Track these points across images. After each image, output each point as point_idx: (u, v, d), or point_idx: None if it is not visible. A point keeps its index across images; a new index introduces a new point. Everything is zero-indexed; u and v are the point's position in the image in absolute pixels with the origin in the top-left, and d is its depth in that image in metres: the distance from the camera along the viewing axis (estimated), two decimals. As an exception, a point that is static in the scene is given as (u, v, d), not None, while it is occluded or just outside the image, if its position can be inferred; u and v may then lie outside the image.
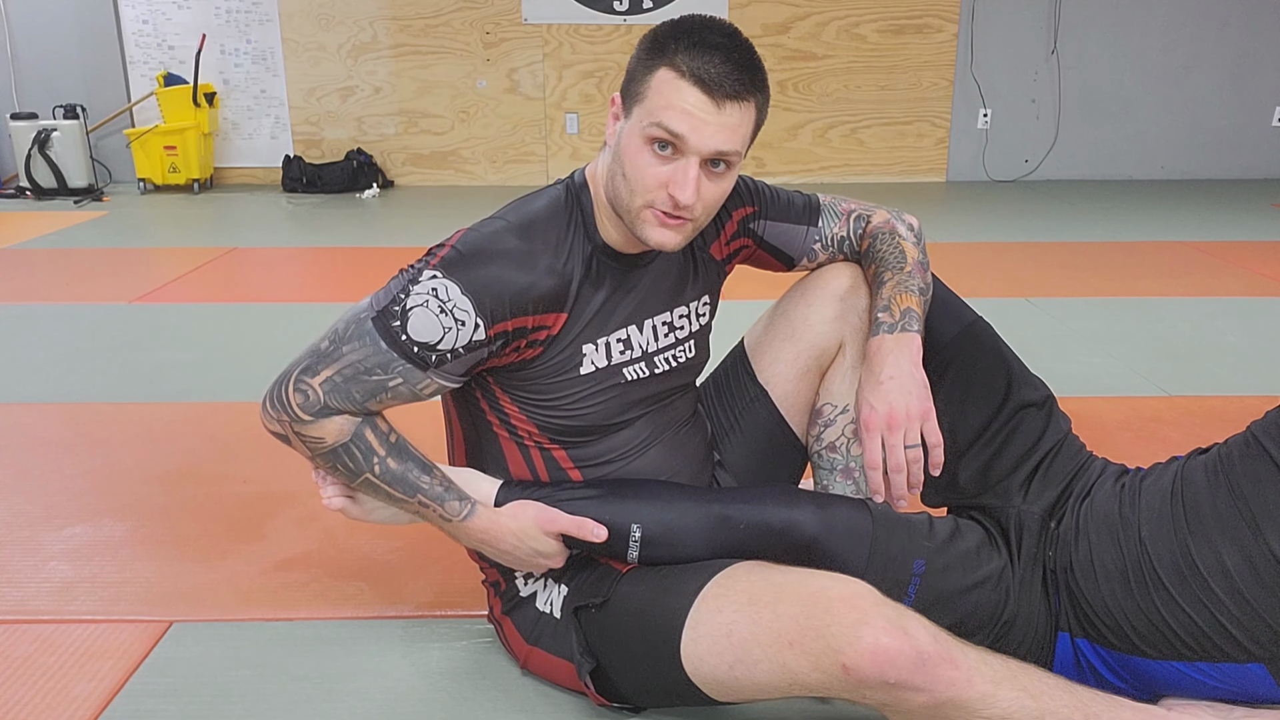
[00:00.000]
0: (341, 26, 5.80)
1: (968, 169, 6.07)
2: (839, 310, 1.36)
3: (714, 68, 1.07)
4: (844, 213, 1.38)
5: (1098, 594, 1.17)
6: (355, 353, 1.14)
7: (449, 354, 1.13)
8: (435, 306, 1.11)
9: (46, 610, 1.54)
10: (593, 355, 1.22)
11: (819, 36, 5.84)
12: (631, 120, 1.12)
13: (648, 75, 1.10)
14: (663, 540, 1.21)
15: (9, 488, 1.97)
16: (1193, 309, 3.22)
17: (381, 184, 5.88)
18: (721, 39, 1.09)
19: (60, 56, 5.81)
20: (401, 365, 1.13)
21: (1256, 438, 1.13)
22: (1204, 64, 5.88)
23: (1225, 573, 1.09)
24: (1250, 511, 1.09)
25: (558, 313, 1.18)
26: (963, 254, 4.09)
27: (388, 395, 1.16)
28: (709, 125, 1.08)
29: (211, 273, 3.82)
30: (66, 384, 2.57)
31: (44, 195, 5.54)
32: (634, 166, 1.11)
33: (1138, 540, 1.16)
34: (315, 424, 1.15)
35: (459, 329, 1.12)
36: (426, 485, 1.20)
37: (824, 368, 1.38)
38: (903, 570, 1.18)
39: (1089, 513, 1.23)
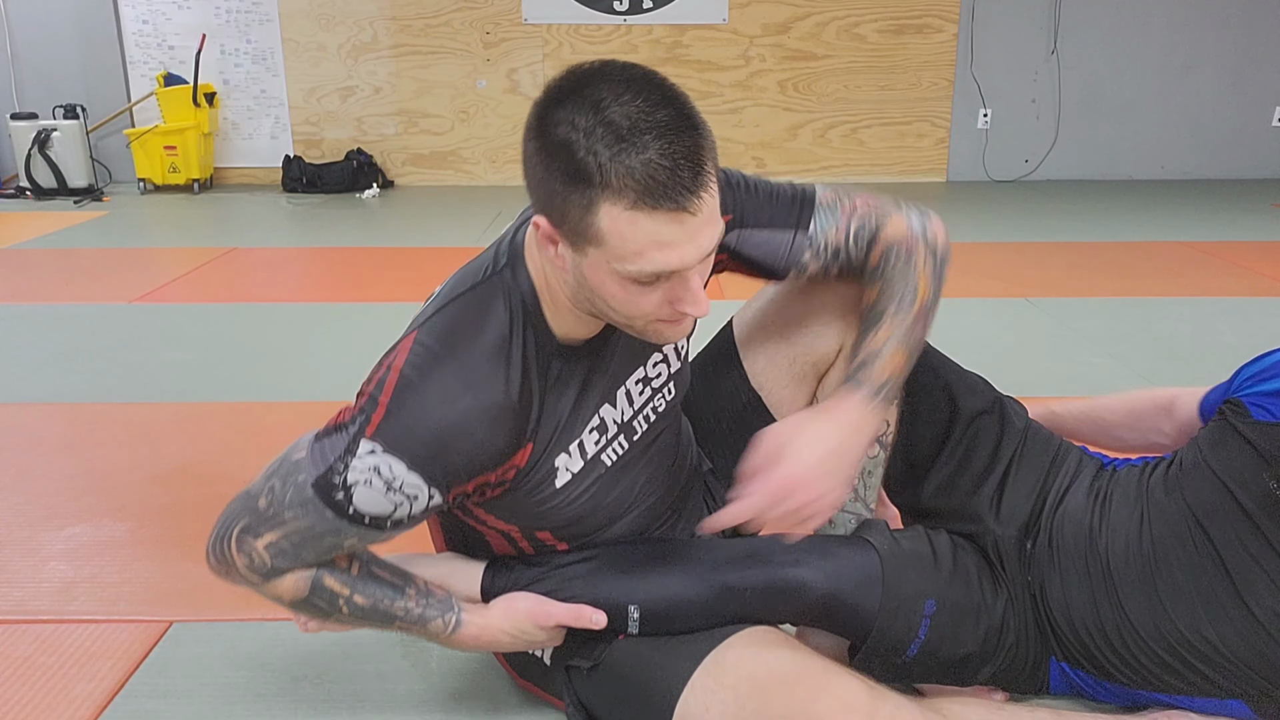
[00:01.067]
0: (341, 26, 5.80)
1: (968, 169, 6.07)
2: (841, 312, 1.25)
3: (666, 176, 0.85)
4: (846, 213, 1.18)
5: (1071, 627, 1.16)
6: (300, 519, 1.01)
7: (406, 519, 1.02)
8: (380, 485, 0.97)
9: (46, 610, 1.54)
10: (566, 464, 1.09)
11: (819, 36, 5.84)
12: (590, 260, 0.91)
13: (588, 214, 0.87)
14: (662, 615, 1.14)
15: (9, 488, 1.97)
16: (1193, 309, 3.22)
17: (381, 184, 5.88)
18: (650, 119, 0.85)
19: (60, 56, 5.81)
20: (354, 530, 1.01)
21: (1216, 474, 1.09)
22: (1204, 64, 5.88)
23: (1207, 640, 1.07)
24: (1232, 581, 1.06)
25: (523, 448, 1.04)
26: (963, 254, 4.09)
27: (343, 550, 1.05)
28: (689, 244, 0.89)
29: (211, 273, 3.82)
30: (66, 384, 2.57)
31: (44, 195, 5.54)
32: (621, 301, 0.94)
33: (1113, 586, 1.13)
34: (266, 584, 1.06)
35: (411, 502, 0.99)
36: (402, 611, 1.09)
37: (821, 372, 1.30)
38: (914, 613, 1.15)
39: (1061, 533, 1.20)
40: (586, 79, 0.88)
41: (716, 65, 5.88)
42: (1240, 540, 1.05)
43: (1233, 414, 1.11)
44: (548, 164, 0.89)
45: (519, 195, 5.90)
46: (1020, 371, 2.57)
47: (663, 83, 0.89)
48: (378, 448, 0.97)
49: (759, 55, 5.87)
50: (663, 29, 5.81)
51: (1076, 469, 1.26)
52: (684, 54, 5.86)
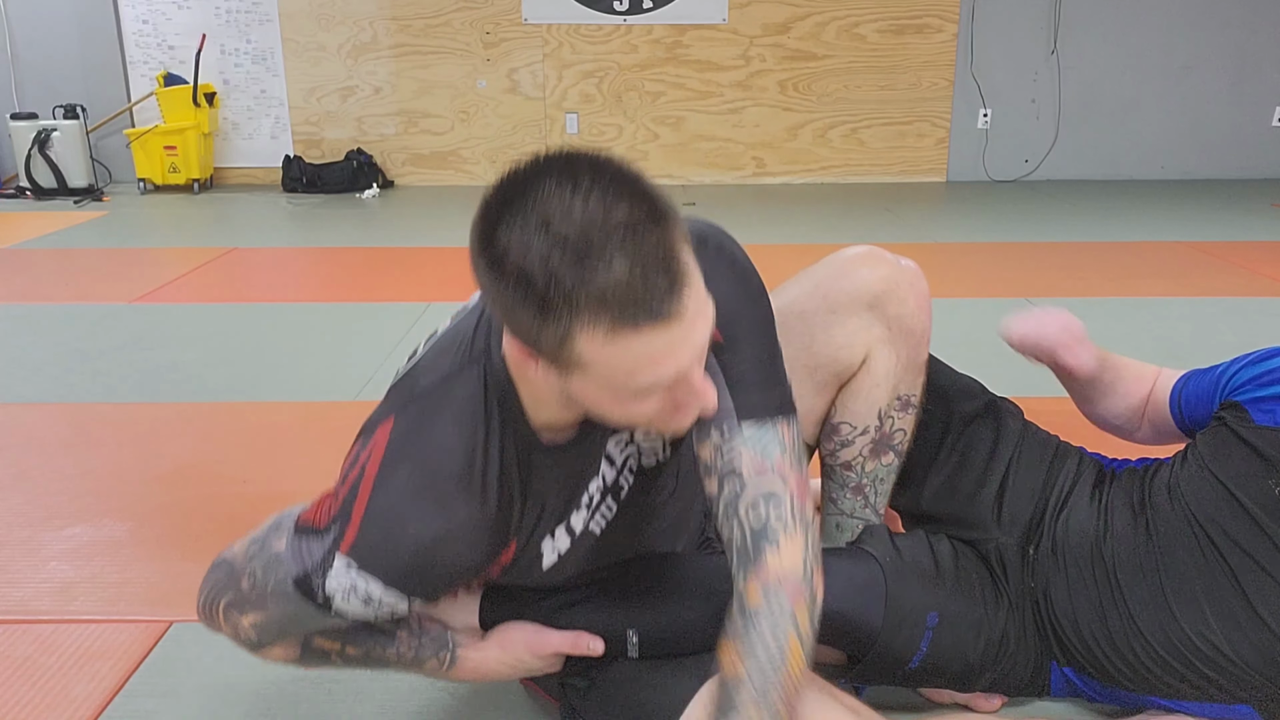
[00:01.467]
0: (341, 26, 5.80)
1: (968, 169, 6.07)
2: (866, 320, 1.19)
3: (641, 288, 0.75)
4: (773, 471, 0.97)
5: (1077, 633, 1.16)
6: (283, 607, 0.98)
7: (387, 619, 1.03)
8: (358, 601, 0.94)
9: (46, 610, 1.54)
10: (553, 546, 1.05)
11: (819, 36, 5.84)
12: (576, 383, 0.83)
13: (565, 344, 0.78)
14: (661, 639, 1.12)
15: (9, 488, 1.97)
16: (1193, 309, 3.22)
17: (381, 184, 5.88)
18: (608, 224, 0.75)
19: (60, 56, 5.81)
20: (340, 619, 0.98)
21: (1217, 477, 1.08)
22: (1204, 64, 5.88)
23: (1215, 646, 1.06)
24: (1240, 588, 1.05)
25: (505, 550, 1.00)
26: (963, 254, 4.09)
27: (329, 626, 1.02)
28: (685, 343, 0.80)
29: (211, 273, 3.82)
30: (66, 384, 2.57)
31: (44, 195, 5.54)
32: (618, 414, 0.86)
33: (1120, 594, 1.12)
34: (259, 652, 1.05)
35: (392, 608, 0.97)
36: (394, 656, 1.07)
37: (843, 382, 1.25)
38: (916, 627, 1.14)
39: (1065, 539, 1.19)
40: (526, 185, 0.77)
41: (716, 65, 5.88)
42: (1247, 546, 1.04)
43: (1233, 419, 1.10)
44: (509, 294, 0.77)
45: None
46: (1020, 371, 2.57)
47: (612, 169, 0.78)
48: (353, 565, 0.93)
49: (759, 55, 5.87)
50: (663, 29, 5.81)
51: (1077, 471, 1.25)
52: (684, 54, 5.86)
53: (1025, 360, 1.41)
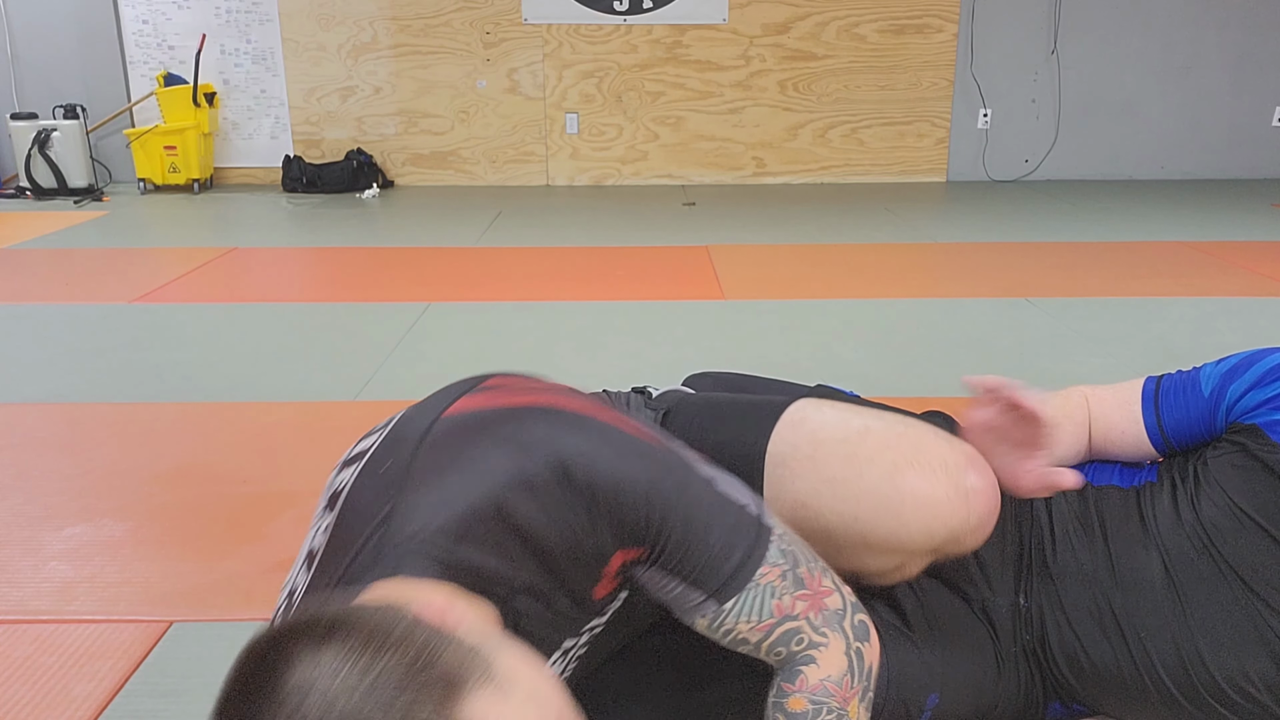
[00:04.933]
0: (341, 26, 5.80)
1: (968, 169, 6.07)
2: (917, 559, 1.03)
3: None
4: (778, 611, 0.89)
5: (1085, 678, 1.09)
6: None
7: None
8: None
9: (46, 610, 1.54)
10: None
11: (819, 36, 5.84)
12: None
13: None
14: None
15: (9, 488, 1.97)
16: (1193, 309, 3.22)
17: (381, 184, 5.88)
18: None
19: (60, 56, 5.81)
20: None
21: (1244, 511, 1.01)
22: (1204, 64, 5.88)
23: (1249, 679, 0.99)
24: (1264, 605, 0.99)
25: None
26: (963, 254, 4.09)
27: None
28: None
29: (211, 273, 3.82)
30: (66, 384, 2.57)
31: (44, 195, 5.54)
32: None
33: (1141, 653, 1.04)
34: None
35: None
36: None
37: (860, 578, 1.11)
38: (916, 707, 1.08)
39: (1064, 586, 1.10)
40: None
41: (716, 65, 5.88)
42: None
43: (1255, 445, 1.03)
44: None
45: (519, 195, 5.92)
46: (1020, 372, 2.57)
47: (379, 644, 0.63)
48: None
49: (759, 55, 5.87)
50: (663, 29, 5.81)
51: (1050, 504, 1.17)
52: (684, 54, 5.86)
53: (1024, 358, 1.39)
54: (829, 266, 3.75)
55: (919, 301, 3.26)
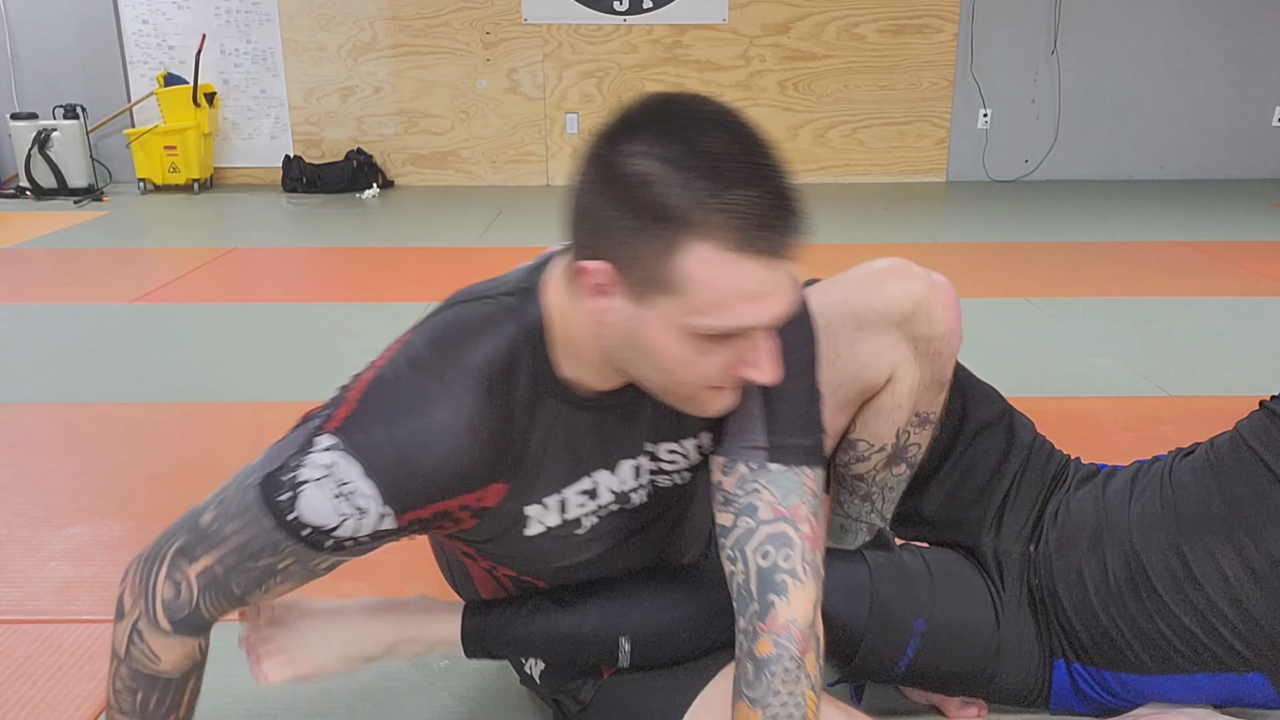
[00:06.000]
0: (341, 26, 5.80)
1: (968, 169, 6.07)
2: (894, 339, 1.14)
3: (769, 215, 0.74)
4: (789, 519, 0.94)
5: (1089, 609, 1.14)
6: (239, 534, 0.88)
7: (349, 541, 0.88)
8: (330, 488, 0.84)
9: (46, 610, 1.54)
10: (540, 516, 0.98)
11: (819, 36, 5.84)
12: (657, 314, 0.79)
13: (671, 254, 0.75)
14: (654, 643, 1.08)
15: (9, 488, 1.97)
16: (1192, 309, 3.22)
17: (381, 184, 5.88)
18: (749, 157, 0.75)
19: (60, 56, 5.81)
20: (292, 546, 0.87)
21: (1245, 440, 1.10)
22: (1204, 64, 5.88)
23: (1224, 579, 1.05)
24: (1246, 517, 1.05)
25: (495, 484, 0.92)
26: (963, 254, 4.09)
27: (277, 581, 0.91)
28: (779, 296, 0.78)
29: (211, 273, 3.82)
30: (66, 384, 2.57)
31: (44, 195, 5.54)
32: (681, 364, 0.82)
33: (1129, 548, 1.12)
34: (165, 638, 0.92)
35: (359, 517, 0.85)
36: None
37: (866, 399, 1.20)
38: (903, 632, 1.12)
39: (1066, 528, 1.18)
40: (667, 108, 0.77)
41: (716, 65, 5.88)
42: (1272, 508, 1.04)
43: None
44: (619, 198, 0.75)
45: (519, 195, 5.92)
46: (1020, 371, 2.57)
47: (754, 127, 0.78)
48: (336, 444, 0.85)
49: (759, 55, 5.87)
50: (663, 29, 5.81)
51: (1074, 474, 1.25)
52: (684, 54, 5.86)
53: (1024, 358, 1.40)
54: (829, 267, 3.74)
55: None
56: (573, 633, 1.08)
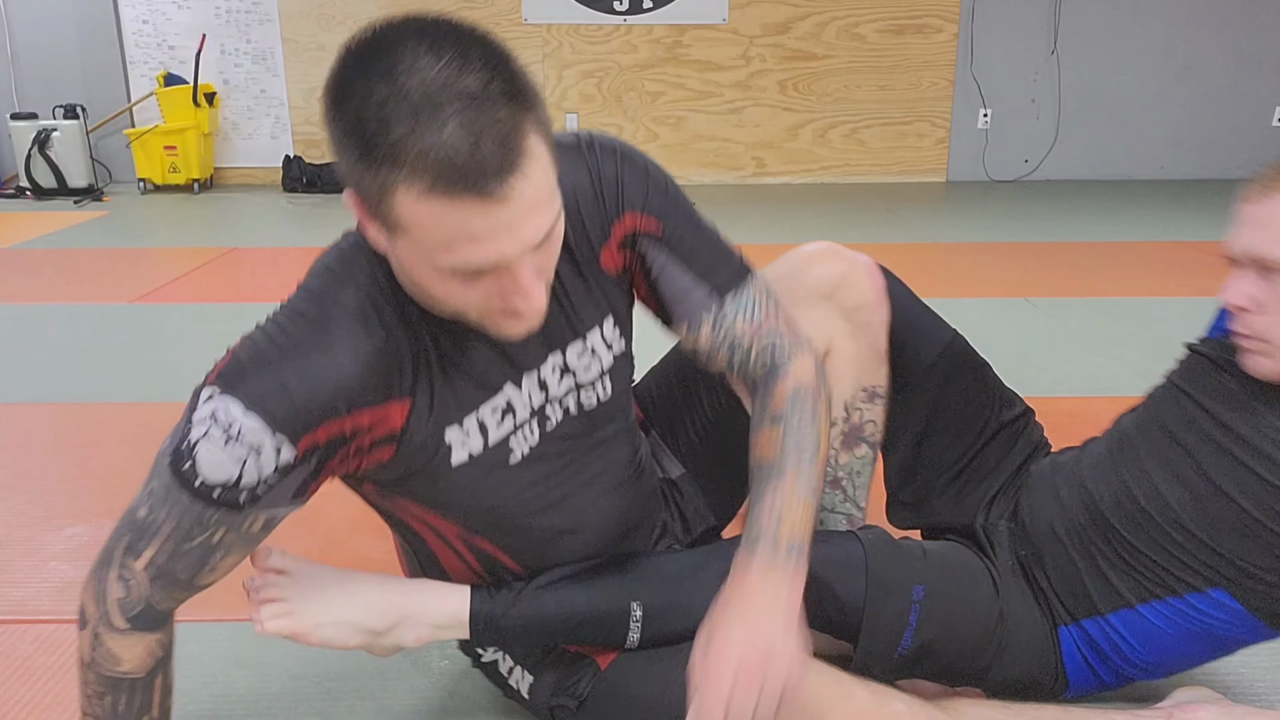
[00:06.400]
0: (341, 26, 5.80)
1: (968, 169, 6.07)
2: (825, 312, 1.21)
3: (466, 155, 0.73)
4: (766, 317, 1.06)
5: (1066, 560, 1.19)
6: (169, 519, 0.89)
7: (259, 486, 0.87)
8: (219, 436, 0.85)
9: (46, 610, 1.54)
10: (462, 441, 0.97)
11: (819, 36, 5.84)
12: (400, 247, 0.81)
13: (384, 199, 0.76)
14: (667, 612, 1.08)
15: (9, 488, 1.97)
16: (1193, 309, 3.22)
17: (381, 184, 5.88)
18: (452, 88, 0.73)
19: (60, 56, 5.81)
20: (215, 515, 0.88)
21: (1174, 383, 1.19)
22: (1204, 64, 5.88)
23: (1167, 506, 1.12)
24: (1183, 442, 1.13)
25: (390, 403, 0.91)
26: (963, 254, 4.09)
27: (219, 556, 0.91)
28: (505, 235, 0.77)
29: (211, 273, 3.82)
30: (66, 384, 2.57)
31: (44, 195, 5.54)
32: (442, 294, 0.83)
33: (1084, 491, 1.19)
34: (123, 636, 0.93)
35: (256, 457, 0.85)
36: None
37: None
38: (902, 599, 1.14)
39: (1035, 492, 1.25)
40: (387, 38, 0.76)
41: (716, 65, 5.89)
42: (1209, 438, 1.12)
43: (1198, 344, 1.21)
44: (342, 139, 0.77)
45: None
46: (1021, 371, 2.57)
47: (478, 40, 0.76)
48: (215, 392, 0.86)
49: (759, 55, 5.87)
50: (663, 29, 5.81)
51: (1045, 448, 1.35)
52: (684, 54, 5.87)
53: (1024, 358, 1.44)
54: (829, 266, 3.75)
55: (919, 301, 3.25)
56: (585, 604, 1.07)
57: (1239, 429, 1.09)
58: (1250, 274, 1.06)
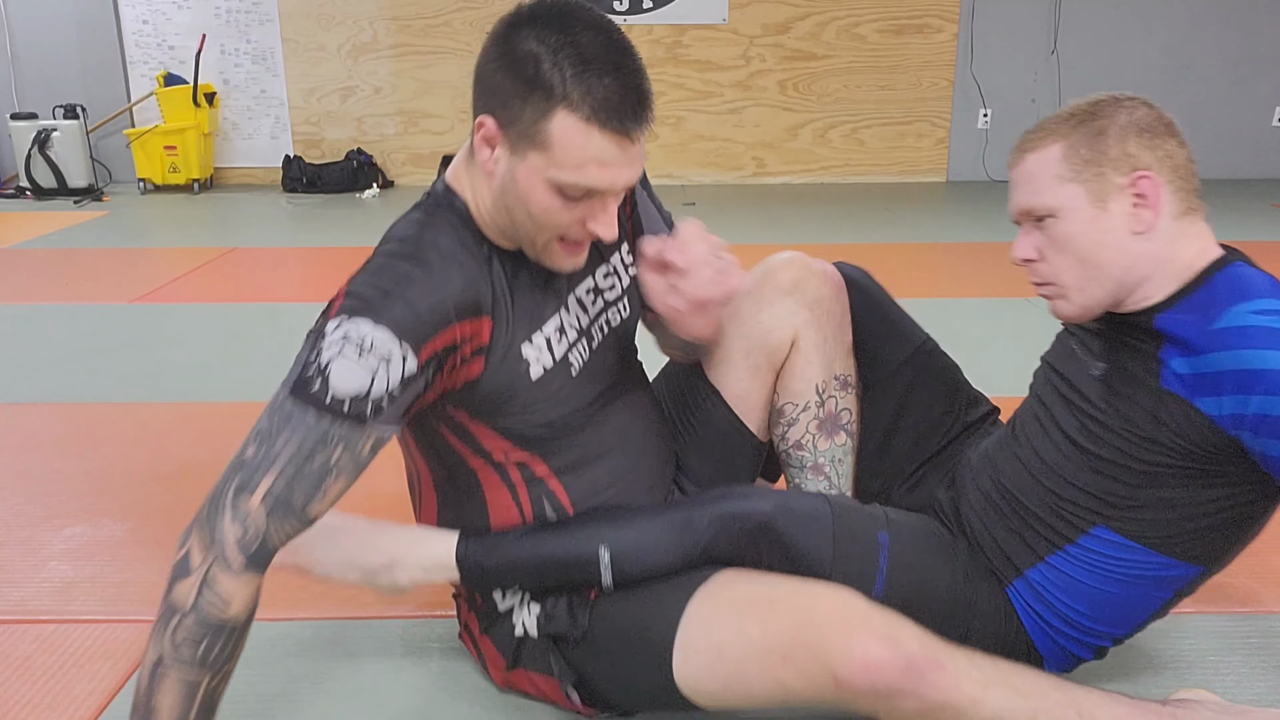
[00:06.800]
0: (341, 26, 5.80)
1: (968, 169, 6.07)
2: (789, 306, 1.33)
3: (620, 101, 0.98)
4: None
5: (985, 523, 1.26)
6: (288, 444, 0.99)
7: (385, 399, 1.00)
8: (352, 351, 0.98)
9: (46, 610, 1.54)
10: (535, 356, 1.15)
11: (819, 36, 5.84)
12: (527, 164, 1.01)
13: (541, 119, 0.98)
14: (632, 555, 1.18)
15: (9, 488, 1.97)
16: (1193, 309, 3.22)
17: (382, 184, 5.89)
18: (611, 53, 0.98)
19: (60, 56, 5.81)
20: (339, 431, 0.99)
21: (1044, 358, 1.31)
22: (1204, 64, 5.88)
23: (1043, 463, 1.21)
24: (1048, 407, 1.24)
25: (481, 318, 1.08)
26: (963, 254, 4.10)
27: (332, 479, 1.01)
28: (624, 168, 1.02)
29: (211, 273, 3.82)
30: (66, 384, 2.58)
31: (44, 195, 5.54)
32: (542, 210, 1.04)
33: (989, 464, 1.29)
34: (237, 577, 0.99)
35: (386, 367, 0.99)
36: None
37: (777, 366, 1.36)
38: (870, 546, 1.21)
39: (963, 466, 1.34)
40: (558, 9, 0.99)
41: (716, 65, 5.89)
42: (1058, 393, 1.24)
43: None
44: (510, 70, 0.98)
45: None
46: (1021, 372, 2.57)
47: (624, 36, 1.01)
48: (342, 320, 1.00)
49: (759, 55, 5.87)
50: (663, 29, 5.81)
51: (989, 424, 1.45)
52: (684, 54, 5.86)
53: (1024, 358, 1.46)
54: (829, 266, 3.75)
55: (919, 301, 3.24)
56: (557, 548, 1.19)
57: (1070, 378, 1.22)
58: (1029, 228, 1.17)
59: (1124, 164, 1.15)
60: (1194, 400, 1.07)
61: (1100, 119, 1.17)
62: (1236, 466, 1.09)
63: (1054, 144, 1.15)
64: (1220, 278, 1.14)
